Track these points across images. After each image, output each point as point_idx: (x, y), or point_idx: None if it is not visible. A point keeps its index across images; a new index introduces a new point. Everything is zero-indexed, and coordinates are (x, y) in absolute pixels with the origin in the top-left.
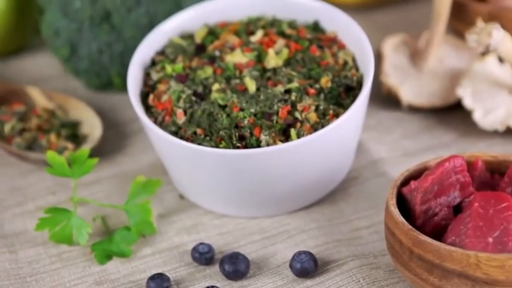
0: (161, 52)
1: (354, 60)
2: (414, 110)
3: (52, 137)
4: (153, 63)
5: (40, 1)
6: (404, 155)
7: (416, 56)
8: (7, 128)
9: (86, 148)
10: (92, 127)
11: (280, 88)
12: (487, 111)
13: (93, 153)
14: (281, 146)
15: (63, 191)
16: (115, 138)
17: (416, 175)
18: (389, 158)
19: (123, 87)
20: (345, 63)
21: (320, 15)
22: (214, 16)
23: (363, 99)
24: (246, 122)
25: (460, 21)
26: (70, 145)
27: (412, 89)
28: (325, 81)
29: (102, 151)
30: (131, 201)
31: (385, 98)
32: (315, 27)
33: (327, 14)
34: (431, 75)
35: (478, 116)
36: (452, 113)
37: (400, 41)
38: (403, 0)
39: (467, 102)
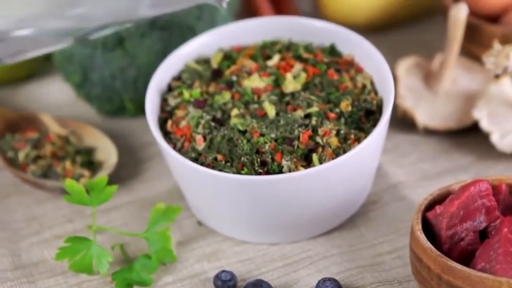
0: (178, 78)
1: (372, 83)
2: (430, 132)
3: (68, 164)
4: (170, 88)
5: None
6: (422, 179)
7: (429, 78)
8: (21, 155)
9: (104, 175)
10: (107, 153)
11: (300, 113)
12: (505, 133)
13: (109, 179)
14: (304, 172)
15: (80, 219)
16: (130, 164)
17: (440, 199)
18: (408, 181)
19: (136, 112)
20: (364, 86)
21: (336, 38)
22: (228, 40)
23: (384, 123)
24: (267, 147)
25: (473, 43)
26: (86, 172)
27: (427, 111)
28: (345, 105)
29: (117, 177)
30: (151, 229)
31: (400, 121)
32: (332, 51)
33: (343, 37)
34: (446, 97)
35: (496, 139)
36: (468, 136)
37: (413, 63)
38: (412, 22)
39: (484, 125)
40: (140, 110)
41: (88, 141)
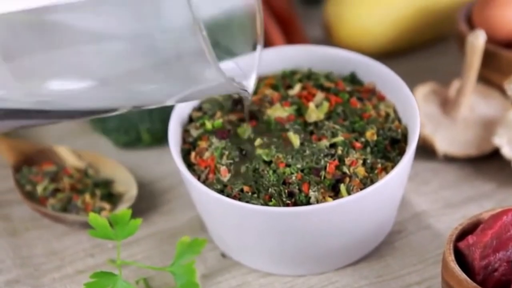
0: (198, 108)
1: (395, 111)
2: (450, 159)
3: (87, 197)
4: (191, 119)
5: None
6: (445, 207)
7: (447, 105)
8: (39, 189)
9: (127, 208)
10: (126, 185)
11: (325, 143)
12: None
13: None
14: (334, 202)
15: (101, 253)
16: (148, 196)
17: (469, 228)
18: (431, 210)
19: (151, 143)
20: (387, 115)
21: (356, 66)
22: (246, 69)
23: (411, 152)
24: (294, 178)
25: (490, 69)
26: (107, 205)
27: (447, 138)
28: (370, 134)
29: (136, 209)
30: (177, 262)
31: (419, 148)
32: (353, 79)
33: (363, 65)
34: (464, 124)
35: None
36: (488, 162)
37: (430, 90)
38: (423, 48)
39: (506, 151)
40: (155, 141)
41: (106, 173)
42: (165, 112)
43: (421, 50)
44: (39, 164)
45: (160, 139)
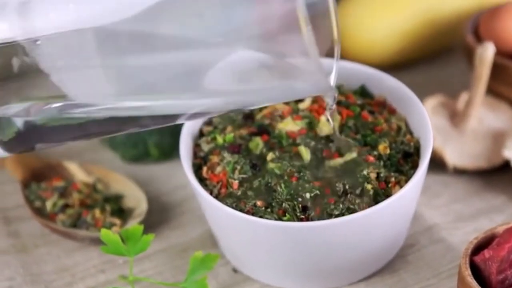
0: (209, 122)
1: (406, 124)
2: (459, 172)
3: (97, 212)
4: (201, 133)
5: None
6: (457, 220)
7: (455, 117)
8: (49, 205)
9: (139, 224)
10: (136, 200)
11: (339, 161)
12: None
13: None
14: (348, 217)
15: (112, 269)
16: (158, 211)
17: (484, 242)
18: (443, 223)
19: (159, 157)
20: (399, 128)
21: (366, 79)
22: None
23: (425, 166)
24: (307, 193)
25: (498, 82)
26: (117, 221)
27: (456, 151)
28: (383, 147)
29: (146, 224)
30: (190, 278)
31: (429, 161)
32: (363, 92)
33: (374, 78)
34: (473, 137)
35: None
36: (498, 175)
37: (438, 102)
38: (427, 60)
39: None
40: (164, 155)
41: (115, 188)
42: (173, 126)
43: (427, 61)
44: (47, 179)
45: (168, 153)
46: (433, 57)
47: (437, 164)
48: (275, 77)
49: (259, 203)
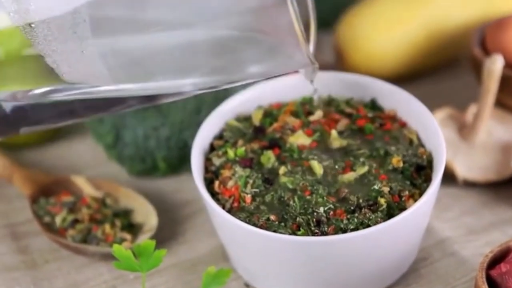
0: (219, 137)
1: (418, 138)
2: (469, 185)
3: (107, 228)
4: (212, 148)
5: None
6: (469, 233)
7: (464, 130)
8: (58, 220)
9: (151, 239)
10: (146, 214)
11: (353, 175)
12: None
13: None
14: (364, 231)
15: (123, 285)
16: (168, 225)
17: (499, 255)
18: (455, 236)
19: (168, 172)
20: (411, 141)
21: (376, 92)
22: (267, 97)
23: (439, 179)
24: (321, 208)
25: (506, 94)
26: (128, 236)
27: (466, 163)
28: (396, 161)
29: (156, 239)
30: None
31: None
32: (373, 105)
33: (384, 91)
34: (482, 149)
35: None
36: (508, 187)
37: (447, 115)
38: (433, 73)
39: None
40: (172, 169)
41: (124, 203)
42: (182, 140)
43: (433, 74)
44: (55, 194)
45: (176, 167)
46: (440, 70)
47: (447, 176)
48: (259, 52)
49: (272, 217)
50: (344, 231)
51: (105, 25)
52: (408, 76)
